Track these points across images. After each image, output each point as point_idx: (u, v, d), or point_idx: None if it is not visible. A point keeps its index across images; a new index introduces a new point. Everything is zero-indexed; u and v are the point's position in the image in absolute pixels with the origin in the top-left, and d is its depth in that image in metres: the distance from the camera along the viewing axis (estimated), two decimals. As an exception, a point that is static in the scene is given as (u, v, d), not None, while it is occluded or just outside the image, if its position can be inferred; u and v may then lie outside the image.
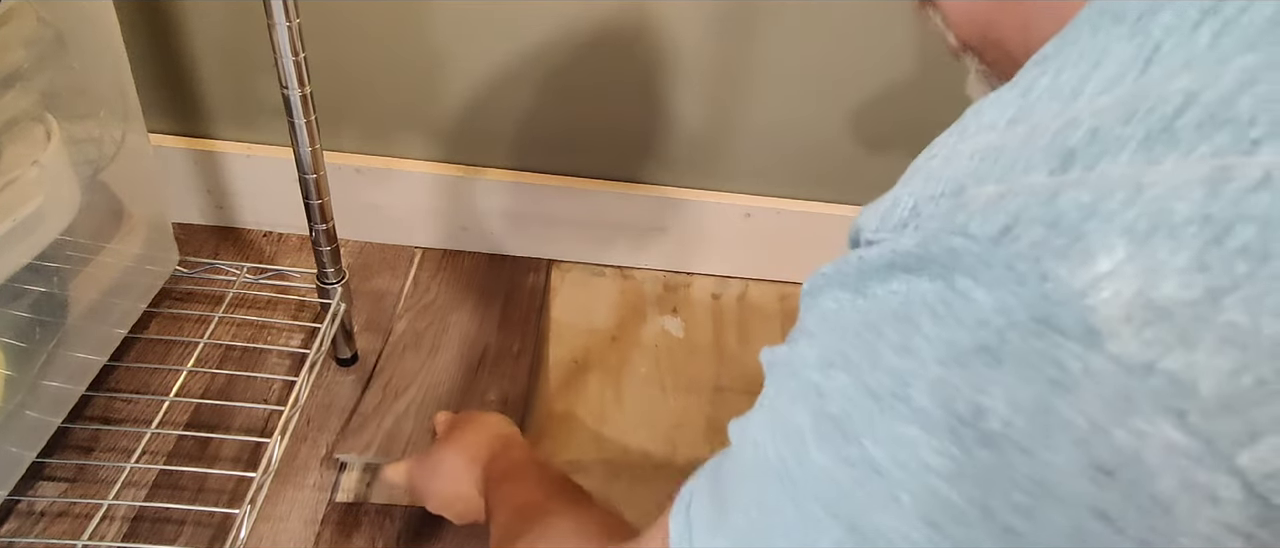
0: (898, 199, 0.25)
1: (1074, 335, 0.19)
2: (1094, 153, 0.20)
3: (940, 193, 0.23)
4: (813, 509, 0.24)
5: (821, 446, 0.24)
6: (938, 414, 0.21)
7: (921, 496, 0.21)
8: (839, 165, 0.88)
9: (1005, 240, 0.20)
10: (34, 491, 0.66)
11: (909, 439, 0.21)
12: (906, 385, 0.22)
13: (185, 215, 0.92)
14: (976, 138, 0.24)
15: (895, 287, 0.23)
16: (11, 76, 0.56)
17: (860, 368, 0.23)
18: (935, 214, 0.23)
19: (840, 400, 0.24)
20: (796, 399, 0.26)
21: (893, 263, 0.23)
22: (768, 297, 0.97)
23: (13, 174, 0.56)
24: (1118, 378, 0.18)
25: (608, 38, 0.78)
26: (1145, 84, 0.20)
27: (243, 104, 0.84)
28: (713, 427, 0.81)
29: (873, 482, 0.22)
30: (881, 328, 0.23)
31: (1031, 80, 0.23)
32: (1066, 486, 0.19)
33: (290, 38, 0.57)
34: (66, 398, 0.66)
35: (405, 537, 0.68)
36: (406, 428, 0.75)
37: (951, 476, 0.21)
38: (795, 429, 0.25)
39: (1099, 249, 0.19)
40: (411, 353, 0.83)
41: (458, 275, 0.93)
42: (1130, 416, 0.18)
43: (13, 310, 0.58)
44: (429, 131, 0.86)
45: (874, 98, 0.82)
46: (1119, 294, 0.18)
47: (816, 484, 0.24)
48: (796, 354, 0.27)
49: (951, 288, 0.21)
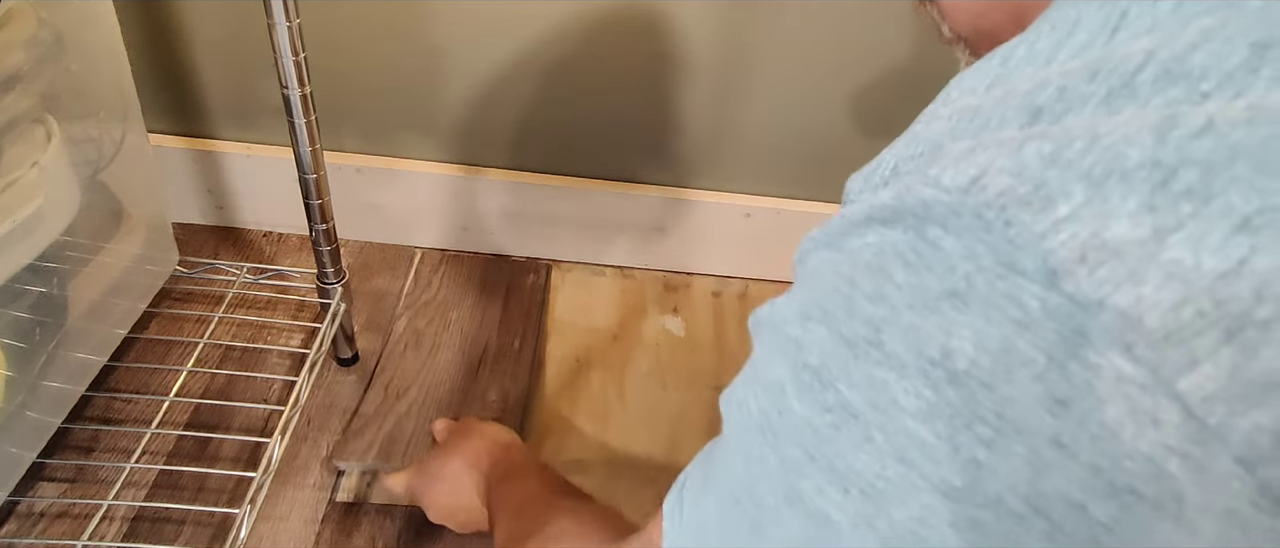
0: (881, 161, 0.27)
1: (1034, 277, 0.20)
2: (1060, 109, 0.21)
3: (919, 152, 0.25)
4: (793, 454, 0.25)
5: (800, 395, 0.25)
6: (909, 358, 0.22)
7: (894, 435, 0.22)
8: (839, 166, 0.88)
9: (973, 190, 0.21)
10: (34, 491, 0.66)
11: (882, 382, 0.23)
12: (879, 332, 0.23)
13: (185, 215, 0.92)
14: (957, 102, 0.25)
15: (870, 239, 0.24)
16: (12, 78, 0.56)
17: (836, 318, 0.24)
18: (912, 171, 0.24)
19: (817, 351, 0.25)
20: (775, 354, 0.27)
21: (870, 216, 0.24)
22: (768, 296, 0.96)
23: (13, 175, 0.56)
24: (1073, 315, 0.19)
25: (608, 38, 0.78)
26: (1111, 47, 0.22)
27: (243, 104, 0.84)
28: (714, 426, 0.81)
29: (849, 425, 0.24)
30: (856, 279, 0.24)
31: (1010, 50, 0.25)
32: (1026, 418, 0.20)
33: (290, 38, 0.57)
34: (66, 398, 0.66)
35: (405, 537, 0.68)
36: (407, 430, 0.75)
37: (922, 414, 0.22)
38: (775, 383, 0.27)
39: (1058, 195, 0.20)
40: (412, 353, 0.83)
41: (458, 275, 0.93)
42: (1084, 349, 0.19)
43: (13, 311, 0.58)
44: (429, 131, 0.86)
45: (874, 98, 0.82)
46: (1075, 236, 0.19)
47: (797, 432, 0.25)
48: (777, 312, 0.28)
49: (922, 237, 0.22)
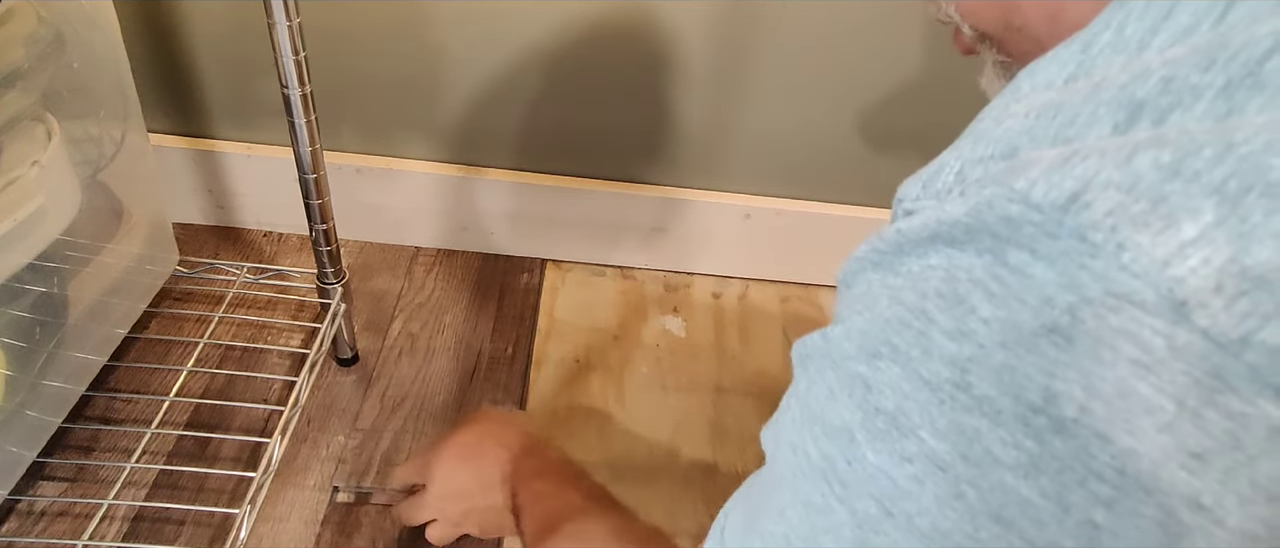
0: (943, 164, 0.24)
1: (1156, 310, 0.17)
2: (1166, 104, 0.18)
3: (989, 155, 0.22)
4: (866, 509, 0.23)
5: (874, 443, 0.22)
6: (1004, 403, 0.19)
7: (989, 491, 0.20)
8: (839, 166, 0.88)
9: (1074, 208, 0.18)
10: (34, 490, 0.66)
11: (973, 431, 0.20)
12: (965, 374, 0.20)
13: (185, 215, 0.92)
14: (1031, 98, 0.22)
15: (934, 261, 0.21)
16: (12, 76, 0.56)
17: (910, 357, 0.21)
18: (985, 178, 0.21)
19: (892, 394, 0.22)
20: (839, 394, 0.24)
21: (934, 235, 0.21)
22: (768, 297, 0.97)
23: (13, 174, 0.56)
24: (1209, 355, 0.17)
25: (608, 38, 0.78)
26: (1224, 31, 0.19)
27: (243, 104, 0.84)
28: (715, 427, 0.81)
29: (934, 478, 0.21)
30: (930, 312, 0.21)
31: (1092, 36, 0.22)
32: (1154, 475, 0.18)
33: (290, 37, 0.57)
34: (67, 398, 0.66)
35: (405, 537, 0.67)
36: (404, 448, 0.74)
37: (1022, 468, 0.19)
38: (842, 427, 0.24)
39: (1183, 214, 0.17)
40: (407, 359, 0.83)
41: (458, 275, 0.93)
42: (1224, 395, 0.17)
43: (13, 310, 0.58)
44: (429, 131, 0.86)
45: (874, 98, 0.82)
46: (1208, 262, 0.17)
47: (871, 483, 0.23)
48: (834, 346, 0.25)
49: (1003, 262, 0.19)
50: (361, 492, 0.70)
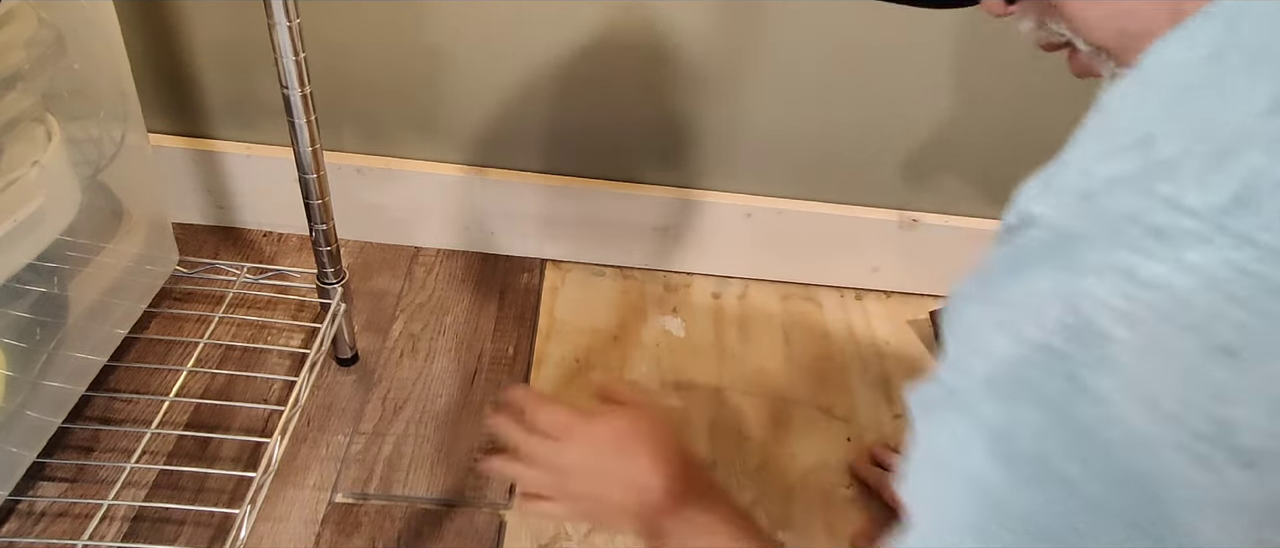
0: (1065, 162, 0.22)
1: None
2: None
3: (1121, 146, 0.20)
4: None
5: (1025, 489, 0.20)
6: (1172, 436, 0.17)
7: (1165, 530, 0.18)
8: (839, 166, 0.88)
9: (1236, 210, 0.16)
10: (34, 491, 0.66)
11: (1140, 474, 0.18)
12: (1115, 407, 0.18)
13: (185, 215, 0.92)
14: (1160, 78, 0.20)
15: (1042, 286, 0.19)
16: (12, 77, 0.56)
17: (1047, 399, 0.19)
18: (1119, 176, 0.19)
19: (1031, 435, 0.20)
20: (973, 439, 0.22)
21: (1052, 247, 0.20)
22: (768, 297, 0.97)
23: (13, 174, 0.56)
24: None
25: (608, 38, 0.78)
26: None
27: (243, 104, 0.84)
28: (714, 426, 0.81)
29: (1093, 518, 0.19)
30: (1065, 350, 0.19)
31: (1233, 11, 0.19)
32: None
33: (290, 38, 0.57)
34: (67, 398, 0.66)
35: (405, 537, 0.68)
36: (406, 454, 0.74)
37: (1198, 505, 0.17)
38: (980, 475, 0.21)
39: None
40: (408, 361, 0.83)
41: (459, 275, 0.93)
42: None
43: (13, 311, 0.58)
44: (429, 131, 0.86)
45: (874, 98, 0.82)
46: None
47: (1028, 524, 0.20)
48: (958, 395, 0.23)
49: (1132, 280, 0.17)
50: (365, 496, 0.70)
